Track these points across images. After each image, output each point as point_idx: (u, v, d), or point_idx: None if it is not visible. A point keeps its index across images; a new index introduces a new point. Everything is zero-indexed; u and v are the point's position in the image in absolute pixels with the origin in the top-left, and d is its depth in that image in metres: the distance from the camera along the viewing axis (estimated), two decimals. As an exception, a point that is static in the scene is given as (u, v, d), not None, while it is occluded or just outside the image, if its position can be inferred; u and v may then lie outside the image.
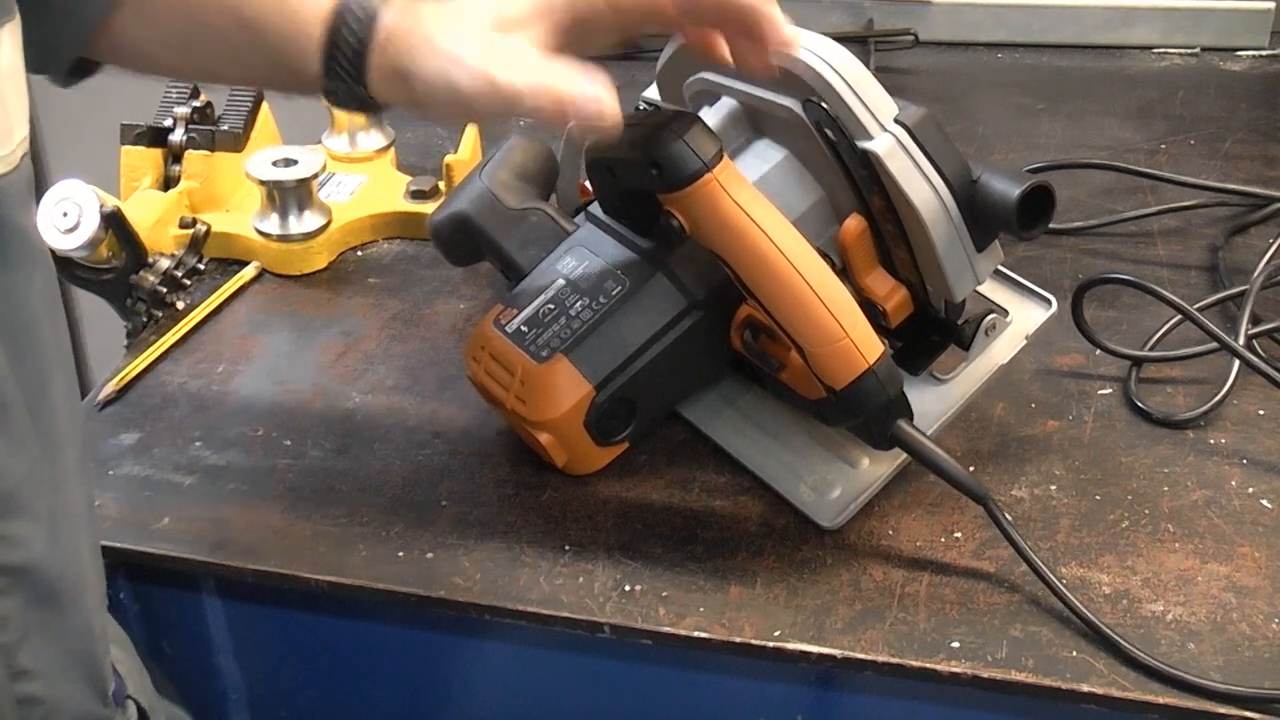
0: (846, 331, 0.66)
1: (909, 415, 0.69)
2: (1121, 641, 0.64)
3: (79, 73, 0.70)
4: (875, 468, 0.73)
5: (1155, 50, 1.33)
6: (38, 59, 0.67)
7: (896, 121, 0.66)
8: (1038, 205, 0.66)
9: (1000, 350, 0.74)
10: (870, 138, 0.66)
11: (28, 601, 0.52)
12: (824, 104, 0.66)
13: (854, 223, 0.70)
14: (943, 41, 1.35)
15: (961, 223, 0.67)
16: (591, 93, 0.61)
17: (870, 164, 0.66)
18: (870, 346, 0.66)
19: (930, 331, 0.74)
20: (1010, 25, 1.35)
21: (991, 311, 0.73)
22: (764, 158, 0.73)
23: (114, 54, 0.70)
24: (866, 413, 0.67)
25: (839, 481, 0.74)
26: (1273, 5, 1.31)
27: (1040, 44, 1.35)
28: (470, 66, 0.62)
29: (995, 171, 0.67)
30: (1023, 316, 0.75)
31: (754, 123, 0.74)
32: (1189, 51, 1.33)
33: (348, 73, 0.64)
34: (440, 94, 0.63)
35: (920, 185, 0.66)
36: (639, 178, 0.67)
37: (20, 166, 0.50)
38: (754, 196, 0.66)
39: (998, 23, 1.35)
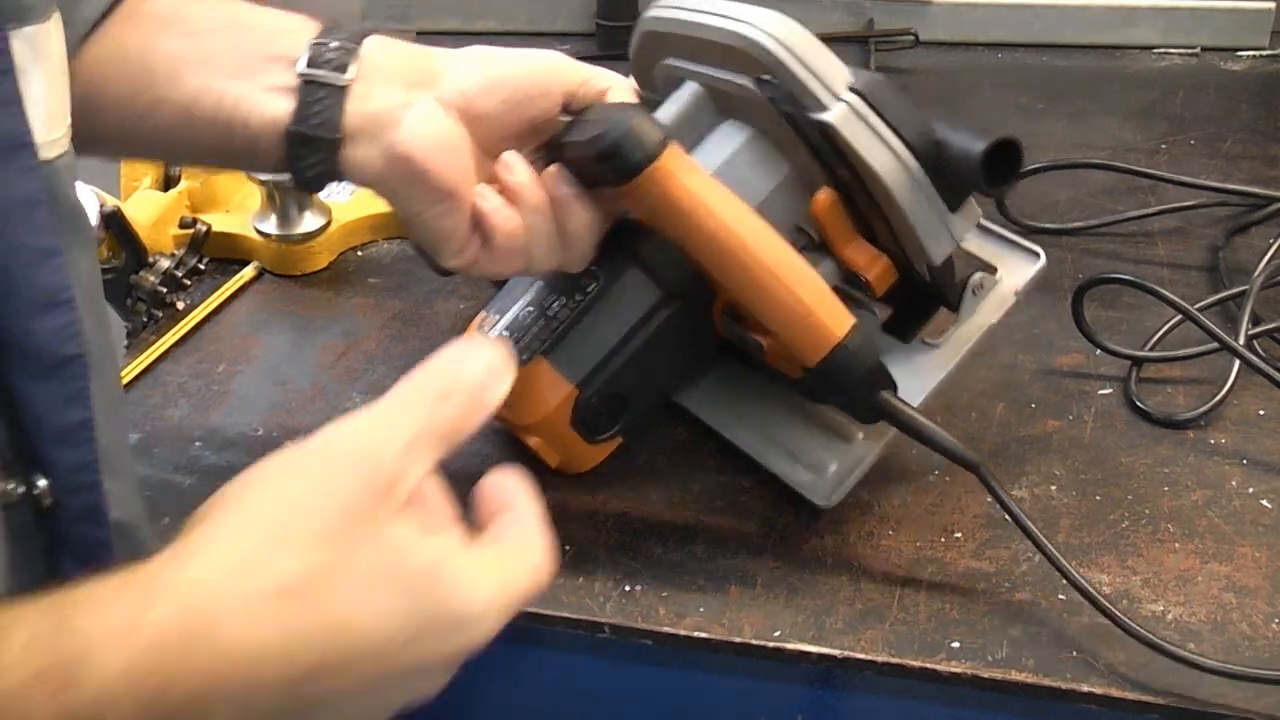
0: (812, 308, 0.64)
1: (892, 386, 0.67)
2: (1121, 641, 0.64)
3: None
4: (868, 442, 0.73)
5: (1155, 50, 1.33)
6: None
7: (850, 89, 0.64)
8: (1004, 159, 0.64)
9: (990, 309, 0.73)
10: (824, 109, 0.64)
11: (125, 559, 0.52)
12: (775, 79, 0.65)
13: (824, 195, 0.68)
14: (943, 41, 1.35)
15: (929, 184, 0.65)
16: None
17: (829, 135, 0.65)
18: (839, 320, 0.65)
19: (918, 297, 0.73)
20: (1010, 25, 1.35)
21: (978, 271, 0.72)
22: (730, 138, 0.71)
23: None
24: (846, 387, 0.66)
25: (833, 459, 0.73)
26: (1273, 5, 1.31)
27: (1040, 44, 1.35)
28: None
29: (957, 128, 0.65)
30: (1012, 273, 0.74)
31: (719, 105, 0.72)
32: (1189, 51, 1.33)
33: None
34: None
35: (879, 151, 0.64)
36: (594, 173, 0.66)
37: (70, 148, 0.53)
38: (704, 180, 0.65)
39: (998, 23, 1.35)
